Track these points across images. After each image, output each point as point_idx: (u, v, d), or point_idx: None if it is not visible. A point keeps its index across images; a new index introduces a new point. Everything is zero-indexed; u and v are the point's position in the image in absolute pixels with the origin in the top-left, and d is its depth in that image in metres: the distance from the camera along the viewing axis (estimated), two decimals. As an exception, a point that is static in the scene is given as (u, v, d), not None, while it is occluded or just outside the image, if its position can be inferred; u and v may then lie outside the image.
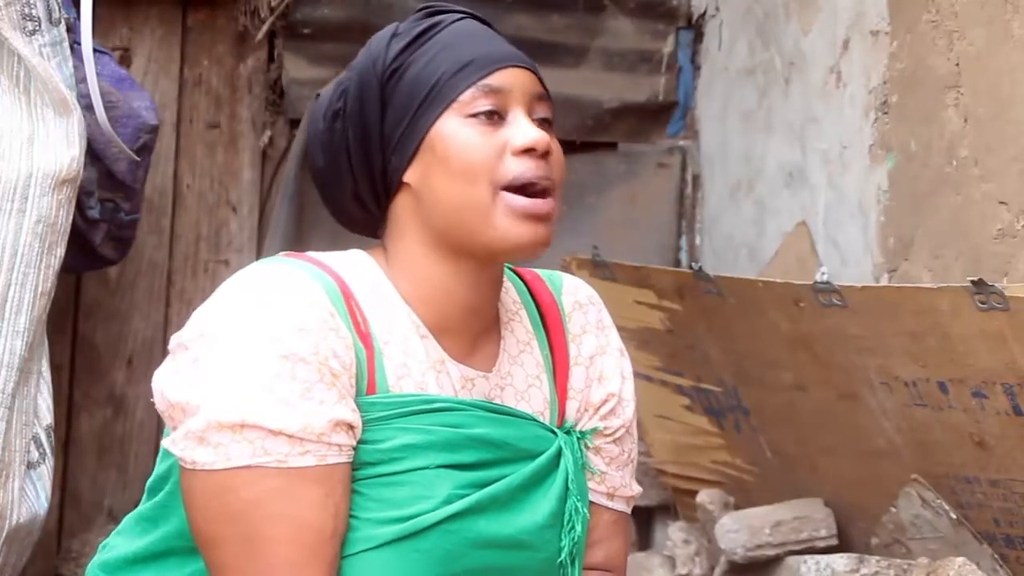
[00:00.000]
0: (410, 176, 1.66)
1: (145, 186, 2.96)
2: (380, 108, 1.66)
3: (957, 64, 2.66)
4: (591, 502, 1.78)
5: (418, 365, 1.64)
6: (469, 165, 1.62)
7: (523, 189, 1.64)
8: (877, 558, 2.57)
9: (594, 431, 1.78)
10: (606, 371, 1.80)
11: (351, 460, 1.56)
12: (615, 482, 1.81)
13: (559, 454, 1.72)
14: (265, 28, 3.49)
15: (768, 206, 3.41)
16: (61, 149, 2.52)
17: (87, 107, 2.63)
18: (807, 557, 2.66)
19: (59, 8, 2.58)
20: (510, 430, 1.68)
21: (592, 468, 1.79)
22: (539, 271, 1.85)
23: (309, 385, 1.53)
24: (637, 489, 1.85)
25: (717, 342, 2.91)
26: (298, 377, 1.52)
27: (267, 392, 1.51)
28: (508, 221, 1.63)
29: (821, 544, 2.82)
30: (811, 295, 2.51)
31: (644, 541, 3.55)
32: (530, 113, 1.68)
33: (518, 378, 1.74)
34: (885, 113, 2.93)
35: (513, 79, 1.67)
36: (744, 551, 2.82)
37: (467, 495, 1.60)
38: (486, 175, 1.62)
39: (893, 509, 2.61)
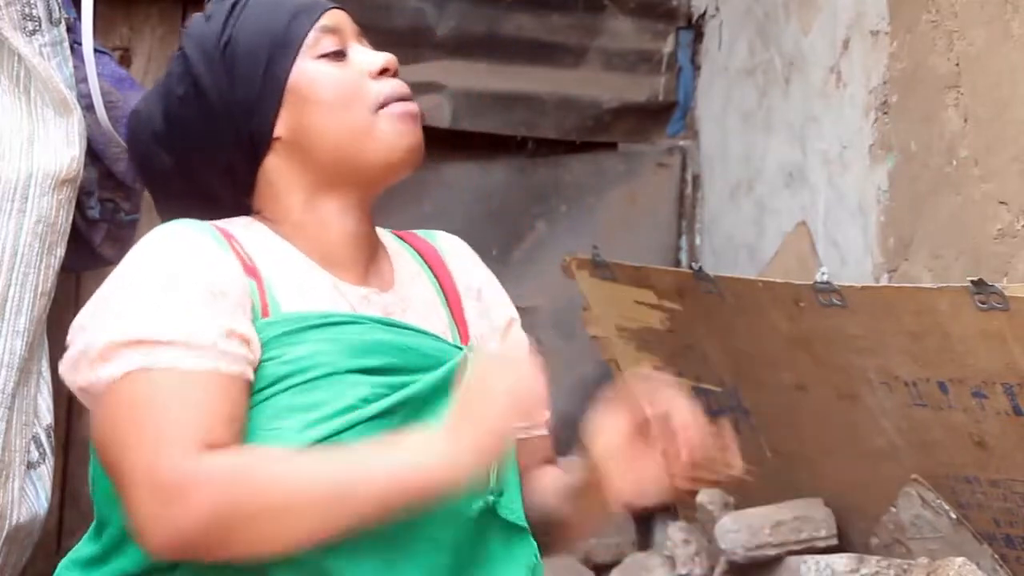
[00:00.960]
0: (280, 129, 1.74)
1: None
2: (227, 77, 1.73)
3: (957, 64, 2.66)
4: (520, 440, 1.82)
5: (310, 290, 1.70)
6: (340, 94, 1.73)
7: (394, 101, 1.75)
8: (877, 558, 2.56)
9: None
10: (497, 298, 1.90)
11: (249, 378, 1.59)
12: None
13: (466, 364, 1.74)
14: (265, 28, 3.49)
15: (768, 206, 3.41)
16: (61, 149, 2.52)
17: (87, 107, 2.63)
18: (807, 557, 2.66)
19: (59, 8, 2.58)
20: (411, 339, 1.72)
21: None
22: None
23: (198, 301, 1.59)
24: (547, 412, 1.94)
25: (717, 342, 2.91)
26: (187, 295, 1.59)
27: (158, 310, 1.57)
28: (391, 127, 1.73)
29: (821, 544, 2.82)
30: (811, 295, 2.51)
31: (644, 541, 3.55)
32: (360, 44, 1.80)
33: (417, 301, 1.80)
34: (885, 113, 2.93)
35: (340, 18, 1.80)
36: (744, 551, 2.82)
37: (385, 394, 1.64)
38: (359, 100, 1.73)
39: (893, 509, 2.61)
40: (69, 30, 2.61)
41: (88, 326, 1.62)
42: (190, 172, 1.78)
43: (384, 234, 1.88)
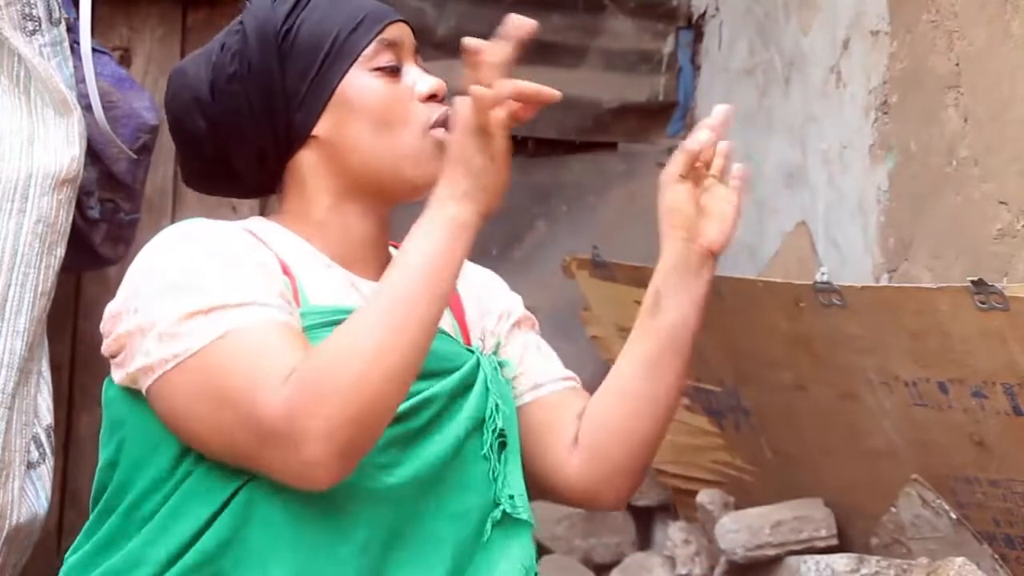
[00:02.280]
0: (320, 129, 1.75)
1: (145, 186, 2.96)
2: (280, 66, 1.74)
3: (957, 64, 2.66)
4: (533, 401, 1.86)
5: (331, 287, 1.72)
6: (391, 114, 1.75)
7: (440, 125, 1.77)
8: (877, 558, 2.56)
9: (498, 344, 1.88)
10: (488, 299, 1.92)
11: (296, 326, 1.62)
12: (534, 376, 1.89)
13: (477, 366, 1.78)
14: (265, 28, 3.49)
15: (768, 206, 3.41)
16: (61, 149, 2.52)
17: (87, 107, 2.63)
18: (807, 557, 2.66)
19: (59, 8, 2.58)
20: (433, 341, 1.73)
21: (513, 369, 1.87)
22: None
23: (253, 269, 1.62)
24: (569, 372, 1.95)
25: (717, 342, 2.91)
26: (242, 264, 1.62)
27: (221, 278, 1.59)
28: (435, 154, 1.75)
29: (821, 544, 2.82)
30: (811, 295, 2.51)
31: (644, 541, 3.55)
32: (416, 63, 1.82)
33: None
34: (885, 113, 2.93)
35: (402, 33, 1.82)
36: (744, 551, 2.82)
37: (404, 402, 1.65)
38: (403, 121, 1.75)
39: (893, 509, 2.61)
40: (69, 30, 2.61)
41: (143, 307, 1.61)
42: (223, 145, 1.79)
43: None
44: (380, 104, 1.75)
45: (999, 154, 2.53)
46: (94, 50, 2.66)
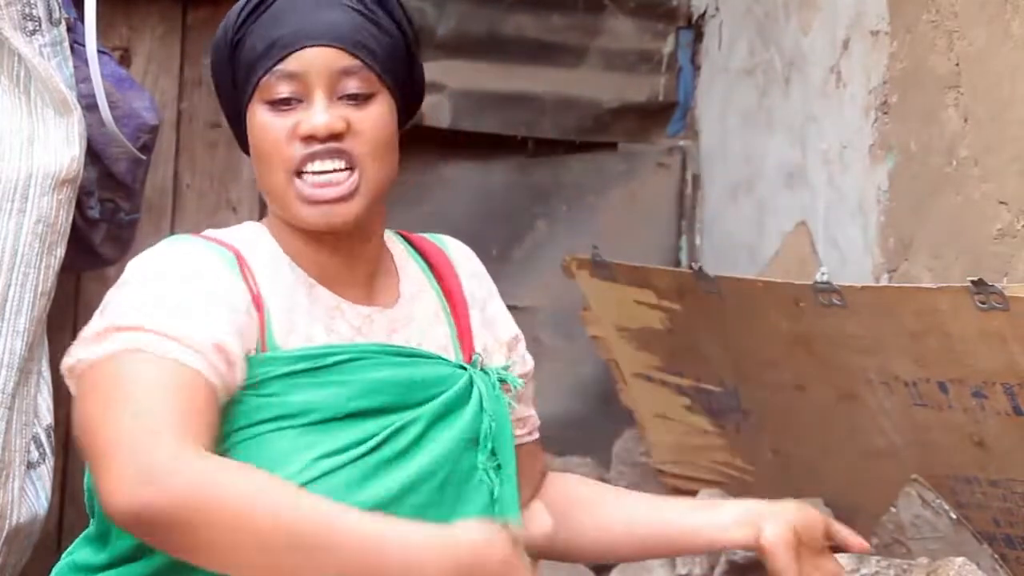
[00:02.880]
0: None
1: (145, 186, 2.96)
2: (231, 80, 1.75)
3: (957, 64, 2.66)
4: (520, 445, 1.84)
5: (304, 318, 1.69)
6: (264, 153, 1.70)
7: (311, 171, 1.69)
8: (877, 558, 2.56)
9: (506, 367, 1.84)
10: (500, 313, 1.89)
11: (220, 396, 1.58)
12: (529, 424, 1.90)
13: (470, 386, 1.76)
14: (265, 28, 3.49)
15: (768, 206, 3.41)
16: (61, 149, 2.52)
17: (88, 107, 2.63)
18: (807, 557, 2.65)
19: (59, 8, 2.58)
20: (413, 370, 1.72)
21: (513, 404, 1.84)
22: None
23: (201, 304, 1.59)
24: (538, 422, 1.94)
25: (717, 342, 2.91)
26: (192, 296, 1.59)
27: (161, 303, 1.58)
28: (300, 206, 1.69)
29: (821, 544, 2.82)
30: (811, 295, 2.51)
31: (644, 541, 3.55)
32: (333, 92, 1.69)
33: (419, 317, 1.79)
34: (885, 113, 2.93)
35: (312, 60, 1.69)
36: (744, 551, 2.82)
37: (377, 434, 1.64)
38: (279, 162, 1.69)
39: (893, 509, 2.61)
40: (69, 30, 2.61)
41: (95, 317, 1.63)
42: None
43: (392, 239, 1.86)
44: (257, 141, 1.71)
45: (999, 154, 2.53)
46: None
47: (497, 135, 3.65)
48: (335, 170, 1.68)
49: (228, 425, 1.61)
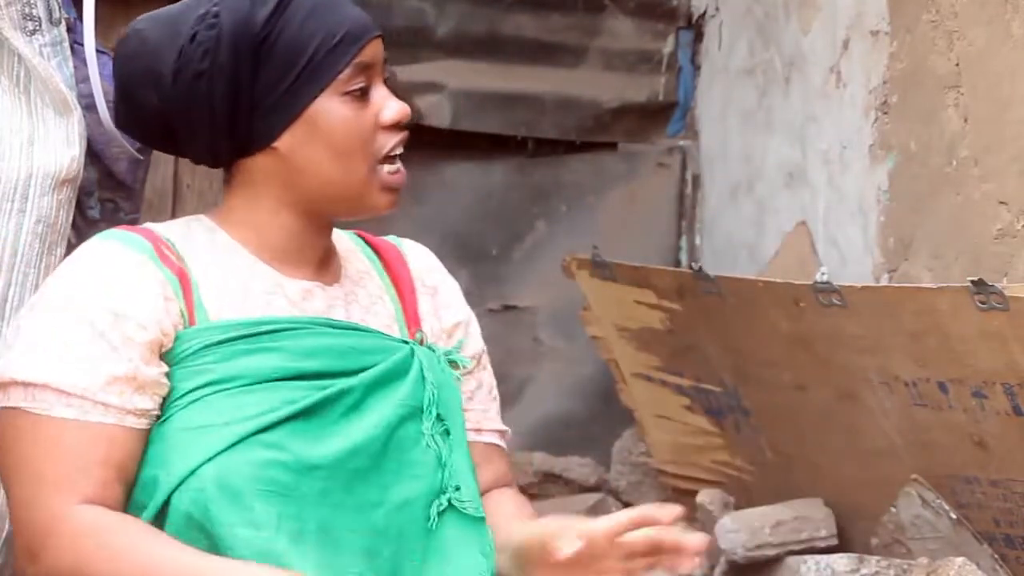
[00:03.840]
0: (281, 143, 1.73)
1: (145, 186, 2.96)
2: (252, 72, 1.71)
3: (957, 64, 2.66)
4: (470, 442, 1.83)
5: (241, 292, 1.71)
6: (351, 144, 1.72)
7: (390, 159, 1.75)
8: (877, 558, 2.57)
9: (449, 353, 1.84)
10: (451, 300, 1.89)
11: (134, 425, 1.63)
12: (478, 416, 1.86)
13: (410, 357, 1.76)
14: (265, 28, 3.49)
15: (768, 206, 3.41)
16: (61, 149, 2.52)
17: (87, 107, 2.63)
18: (807, 557, 2.66)
19: (59, 8, 2.58)
20: (352, 340, 1.73)
21: (459, 377, 1.84)
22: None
23: (85, 342, 1.63)
24: (504, 427, 1.91)
25: (717, 342, 2.91)
26: (75, 335, 1.64)
27: (42, 350, 1.63)
28: (381, 195, 1.75)
29: (821, 544, 2.82)
30: (811, 295, 2.51)
31: (644, 541, 3.55)
32: (381, 78, 1.77)
33: (362, 296, 1.81)
34: (885, 113, 2.93)
35: (375, 50, 1.76)
36: (744, 551, 2.82)
37: (309, 396, 1.66)
38: (366, 153, 1.73)
39: (893, 509, 2.61)
40: (69, 30, 2.61)
41: (5, 338, 1.71)
42: (171, 126, 1.79)
43: (341, 235, 1.88)
44: (344, 133, 1.72)
45: (999, 154, 2.53)
46: (95, 50, 2.66)
47: (497, 135, 3.65)
48: (400, 155, 1.77)
49: (171, 395, 1.65)
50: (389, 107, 1.74)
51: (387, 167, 1.74)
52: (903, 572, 2.50)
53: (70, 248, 2.58)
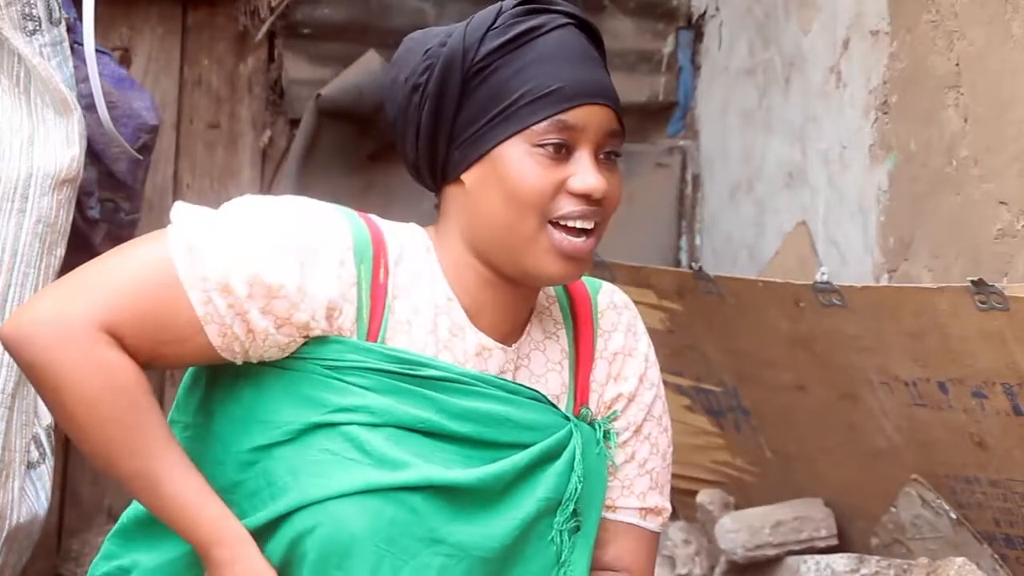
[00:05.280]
0: (468, 176, 1.69)
1: (145, 186, 2.96)
2: (457, 102, 1.68)
3: (957, 64, 2.66)
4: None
5: (423, 326, 1.67)
6: (524, 196, 1.66)
7: (567, 227, 1.67)
8: (877, 558, 2.57)
9: (614, 415, 1.78)
10: (625, 371, 1.81)
11: (207, 341, 1.60)
12: (616, 492, 1.79)
13: (568, 438, 1.71)
14: (265, 28, 3.49)
15: (768, 206, 3.41)
16: (61, 149, 2.52)
17: (87, 107, 2.63)
18: (807, 557, 2.66)
19: (59, 8, 2.58)
20: (514, 408, 1.68)
21: (612, 460, 1.78)
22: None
23: (261, 246, 1.60)
24: (658, 503, 1.82)
25: (717, 342, 2.91)
26: (260, 234, 1.60)
27: (223, 226, 1.62)
28: (548, 258, 1.67)
29: (821, 544, 2.82)
30: (811, 295, 2.52)
31: (644, 541, 3.55)
32: (598, 149, 1.69)
33: (536, 362, 1.75)
34: (885, 113, 2.93)
35: (590, 116, 1.69)
36: (744, 551, 2.82)
37: (457, 464, 1.63)
38: (538, 208, 1.66)
39: (893, 509, 2.61)
40: (69, 30, 2.61)
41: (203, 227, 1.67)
42: (392, 136, 1.77)
43: None
44: (521, 183, 1.65)
45: (999, 154, 2.53)
46: (95, 50, 2.66)
47: (497, 135, 3.65)
48: (589, 229, 1.69)
49: (311, 406, 1.62)
50: (584, 176, 1.66)
51: (560, 231, 1.66)
52: (903, 572, 2.50)
53: (70, 248, 2.59)
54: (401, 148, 1.74)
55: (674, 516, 3.38)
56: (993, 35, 2.55)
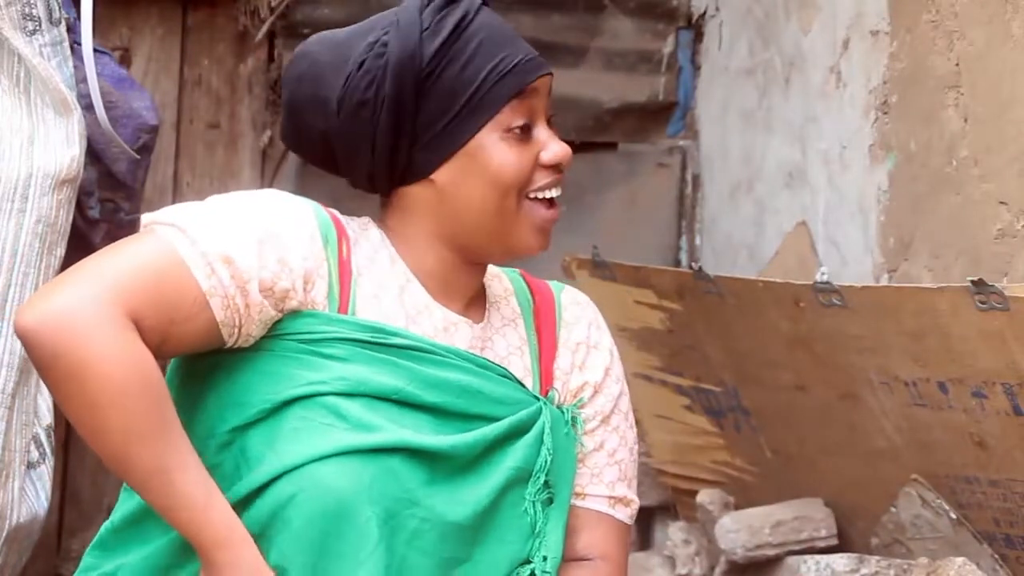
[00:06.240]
0: (440, 174, 1.72)
1: (145, 186, 2.96)
2: (415, 103, 1.70)
3: (957, 64, 2.66)
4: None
5: (391, 304, 1.70)
6: (509, 181, 1.72)
7: (543, 199, 1.77)
8: (877, 558, 2.57)
9: (580, 401, 1.81)
10: (590, 362, 1.84)
11: (210, 314, 1.60)
12: (585, 479, 1.81)
13: (537, 415, 1.74)
14: (265, 28, 3.49)
15: (768, 206, 3.41)
16: (61, 149, 2.52)
17: (87, 107, 2.63)
18: (807, 557, 2.66)
19: (59, 8, 2.58)
20: (484, 381, 1.71)
21: (582, 444, 1.80)
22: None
23: (243, 226, 1.62)
24: (626, 494, 1.84)
25: (717, 342, 2.91)
26: (237, 215, 1.63)
27: (203, 208, 1.64)
28: (530, 232, 1.76)
29: (821, 544, 2.82)
30: (811, 295, 2.52)
31: (644, 541, 3.55)
32: (549, 119, 1.79)
33: (499, 345, 1.78)
34: (885, 113, 2.93)
35: (541, 89, 1.78)
36: (744, 551, 2.82)
37: (429, 433, 1.64)
38: (519, 188, 1.74)
39: (893, 509, 2.61)
40: (69, 30, 2.61)
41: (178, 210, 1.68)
42: (333, 152, 1.76)
43: (501, 274, 1.87)
44: (501, 169, 1.71)
45: (999, 154, 2.53)
46: (94, 50, 2.66)
47: (497, 135, 3.65)
48: (556, 198, 1.79)
49: (285, 382, 1.63)
50: (550, 148, 1.76)
51: (538, 206, 1.76)
52: (903, 572, 2.50)
53: (70, 249, 2.59)
54: (345, 162, 1.75)
55: (674, 516, 3.38)
56: (993, 35, 2.55)
